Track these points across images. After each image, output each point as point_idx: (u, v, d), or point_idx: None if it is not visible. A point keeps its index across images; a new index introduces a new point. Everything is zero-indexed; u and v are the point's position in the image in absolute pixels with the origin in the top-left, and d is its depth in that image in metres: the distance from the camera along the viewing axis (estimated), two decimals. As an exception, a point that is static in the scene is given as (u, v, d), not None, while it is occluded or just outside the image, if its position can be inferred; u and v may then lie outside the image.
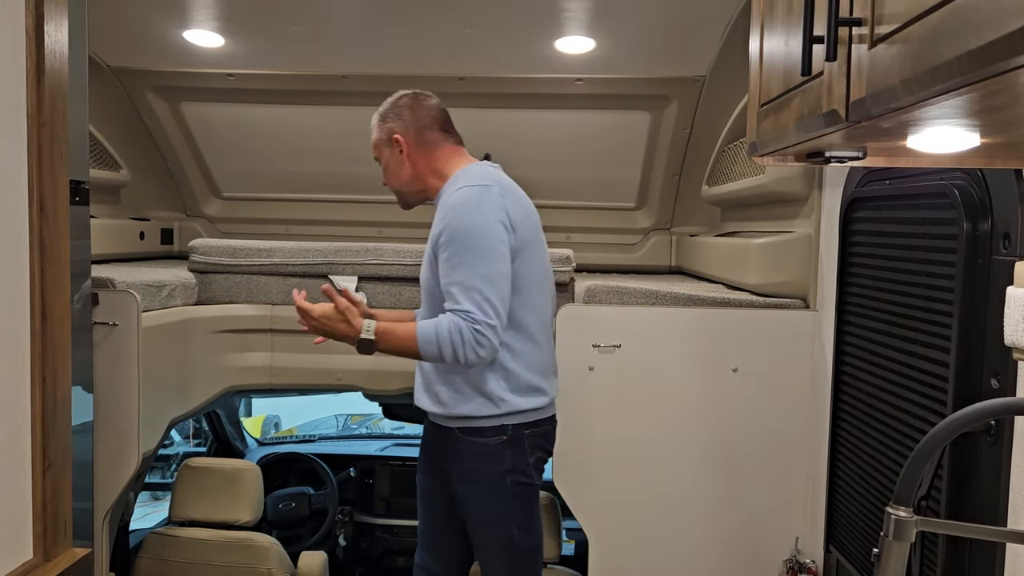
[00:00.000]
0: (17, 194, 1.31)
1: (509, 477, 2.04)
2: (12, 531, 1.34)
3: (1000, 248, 1.38)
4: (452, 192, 2.01)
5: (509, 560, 2.09)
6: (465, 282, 1.91)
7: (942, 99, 0.73)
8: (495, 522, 2.07)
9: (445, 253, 1.94)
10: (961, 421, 0.94)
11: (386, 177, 2.18)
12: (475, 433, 2.03)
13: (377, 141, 2.18)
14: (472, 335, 1.89)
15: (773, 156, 1.28)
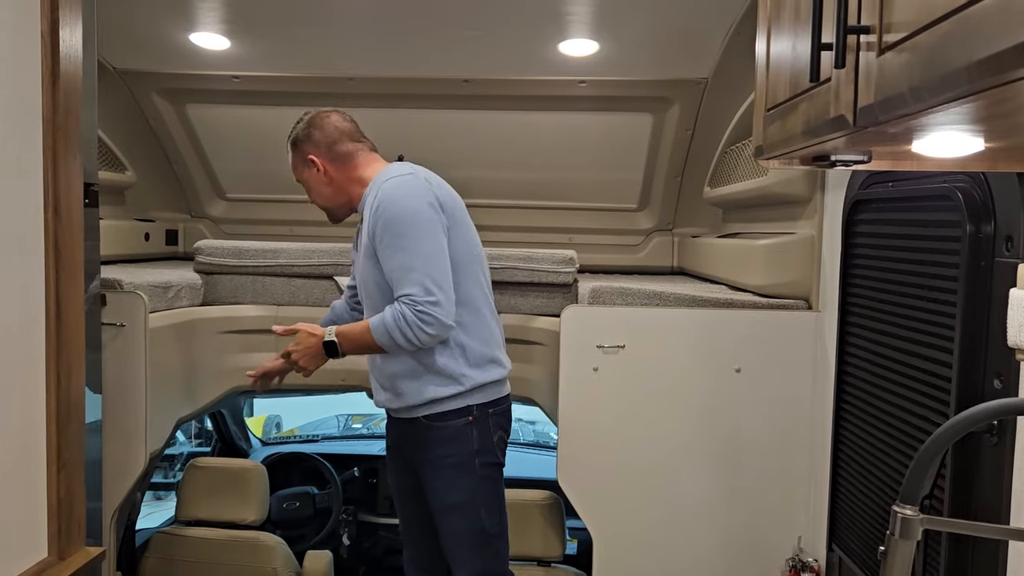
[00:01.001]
0: (33, 196, 1.32)
1: (477, 459, 2.09)
2: (28, 530, 1.36)
3: (1003, 250, 1.40)
4: (377, 187, 2.07)
5: (477, 546, 2.12)
6: (404, 265, 1.98)
7: (950, 106, 0.75)
8: (464, 506, 2.10)
9: (383, 243, 2.00)
10: (968, 421, 0.95)
11: (310, 196, 2.25)
12: (440, 418, 2.08)
13: (294, 164, 2.23)
14: (416, 316, 1.94)
15: (779, 159, 1.30)
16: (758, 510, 2.35)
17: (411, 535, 2.32)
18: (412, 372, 2.07)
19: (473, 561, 2.13)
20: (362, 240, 2.11)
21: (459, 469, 2.10)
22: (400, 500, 2.33)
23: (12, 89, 1.26)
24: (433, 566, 2.28)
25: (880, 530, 1.76)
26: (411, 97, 3.08)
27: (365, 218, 2.09)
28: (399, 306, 1.96)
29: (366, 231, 2.06)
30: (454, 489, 2.11)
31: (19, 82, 1.30)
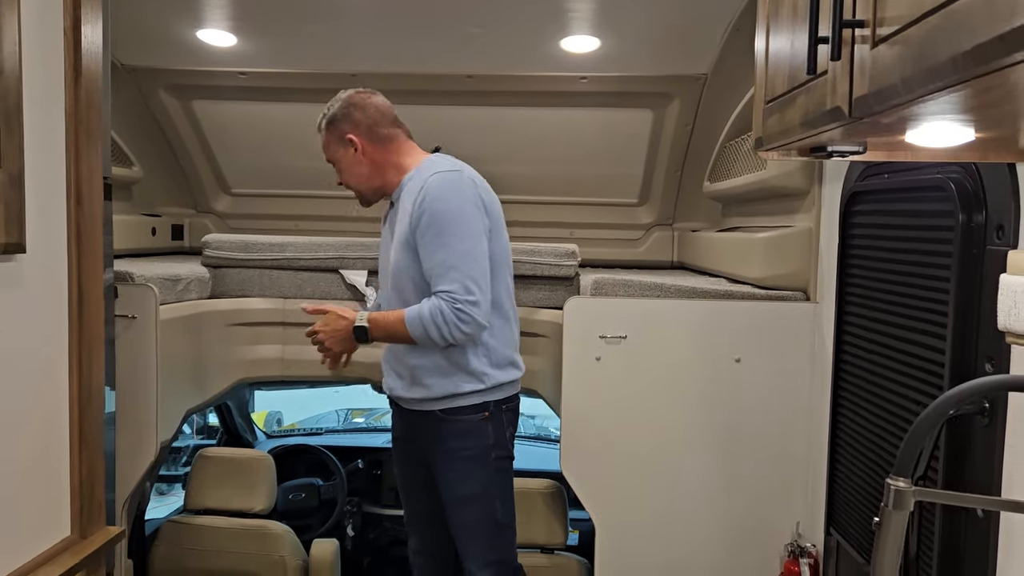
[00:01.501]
0: (57, 186, 1.37)
1: (493, 452, 2.14)
2: (52, 509, 1.41)
3: (994, 239, 1.44)
4: (423, 179, 2.07)
5: (491, 536, 2.16)
6: (446, 262, 1.99)
7: (939, 96, 0.80)
8: (479, 498, 2.14)
9: (425, 237, 2.02)
10: (958, 397, 1.00)
11: (343, 177, 2.24)
12: (457, 412, 2.11)
13: (328, 143, 2.23)
14: (454, 314, 1.97)
15: (778, 151, 1.35)
16: (757, 497, 2.40)
17: (417, 525, 2.35)
18: (437, 367, 2.09)
19: (486, 552, 2.16)
20: (398, 228, 2.11)
21: (475, 462, 2.13)
22: (407, 491, 2.35)
23: (37, 83, 1.31)
24: (439, 553, 2.32)
25: (876, 513, 1.81)
26: (415, 93, 3.12)
27: (404, 207, 2.09)
28: (438, 302, 1.98)
29: (407, 222, 2.06)
30: (469, 481, 2.14)
31: (43, 77, 1.34)
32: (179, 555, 2.69)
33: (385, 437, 4.14)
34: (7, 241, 1.21)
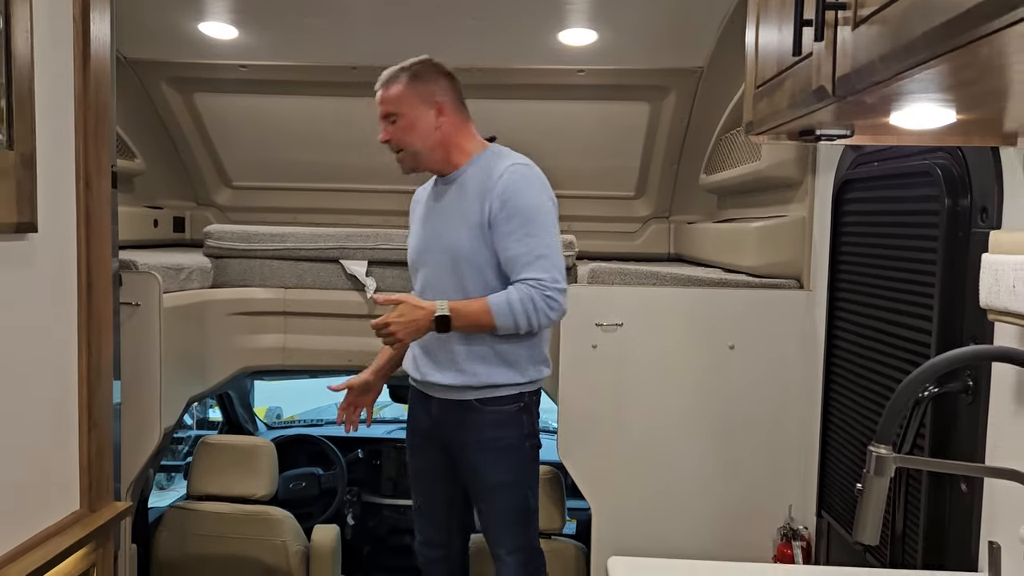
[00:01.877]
0: (66, 169, 1.40)
1: (527, 441, 2.16)
2: (62, 484, 1.45)
3: (978, 221, 1.49)
4: (499, 168, 2.07)
5: (522, 523, 2.19)
6: (534, 251, 2.03)
7: (916, 72, 0.83)
8: (513, 485, 2.16)
9: (508, 226, 2.03)
10: (937, 367, 1.04)
11: (406, 135, 2.13)
12: (495, 402, 2.12)
13: (405, 96, 2.12)
14: (544, 301, 2.01)
15: (768, 134, 1.39)
16: (751, 481, 2.44)
17: (429, 515, 2.32)
18: (482, 357, 2.10)
19: (516, 537, 2.18)
20: (463, 212, 2.09)
21: (511, 451, 2.15)
22: (423, 480, 2.32)
23: (47, 69, 1.34)
24: (447, 544, 2.32)
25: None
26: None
27: (472, 192, 2.08)
28: (527, 289, 2.00)
29: (479, 208, 2.06)
30: (505, 470, 2.15)
31: (53, 63, 1.38)
32: (182, 540, 2.73)
33: (384, 428, 4.18)
34: (19, 220, 1.25)
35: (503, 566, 2.20)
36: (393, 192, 3.67)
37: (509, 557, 2.18)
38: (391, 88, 2.15)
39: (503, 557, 2.20)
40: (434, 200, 2.22)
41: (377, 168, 3.57)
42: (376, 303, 2.87)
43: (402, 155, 2.17)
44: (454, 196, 2.15)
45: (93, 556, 1.48)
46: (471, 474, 2.19)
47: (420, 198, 2.33)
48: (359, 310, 2.90)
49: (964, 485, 1.51)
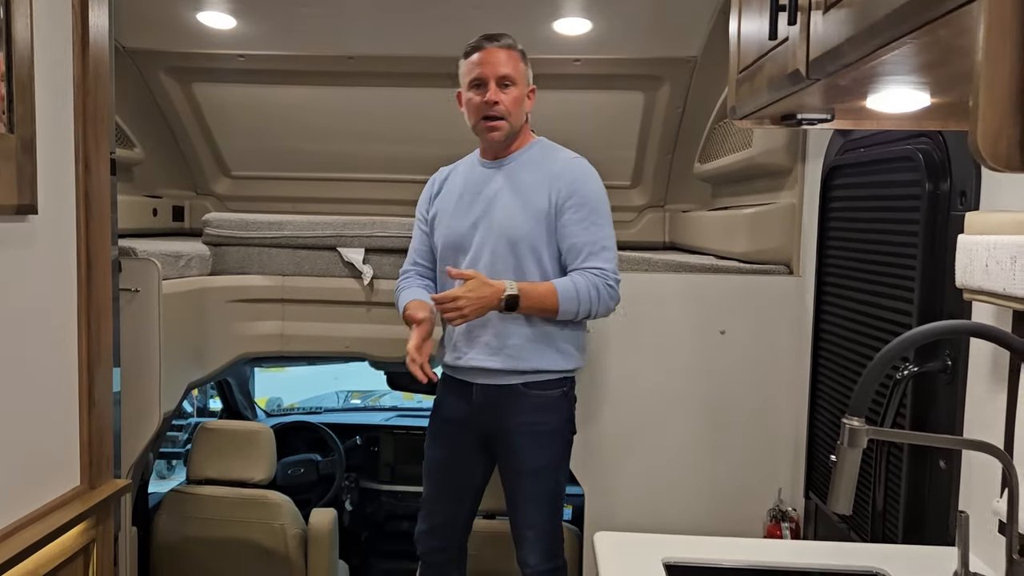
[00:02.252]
0: (66, 153, 1.44)
1: (566, 427, 2.21)
2: (63, 461, 1.48)
3: (957, 204, 1.52)
4: (564, 160, 2.18)
5: (553, 505, 2.23)
6: (599, 242, 2.10)
7: (882, 54, 0.87)
8: (550, 470, 2.19)
9: (577, 214, 2.10)
10: (908, 341, 1.08)
11: (509, 105, 2.14)
12: (540, 387, 2.15)
13: (522, 70, 2.17)
14: (607, 290, 2.08)
15: (751, 119, 1.42)
16: (741, 464, 2.47)
17: (440, 505, 2.32)
18: (532, 341, 2.12)
19: (545, 519, 2.21)
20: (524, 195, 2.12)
21: (553, 435, 2.18)
22: (442, 470, 2.30)
23: (47, 54, 1.38)
24: (451, 535, 2.34)
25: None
26: (410, 76, 3.18)
27: (532, 178, 2.14)
28: (592, 278, 2.06)
29: (544, 194, 2.11)
30: (545, 454, 2.18)
31: (53, 49, 1.41)
32: (182, 523, 2.77)
33: (382, 416, 4.22)
34: (20, 202, 1.28)
35: (530, 548, 2.22)
36: (390, 181, 3.71)
37: (537, 538, 2.21)
38: (512, 56, 2.15)
39: (531, 538, 2.22)
40: (480, 182, 2.22)
41: (374, 157, 3.62)
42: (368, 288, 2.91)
43: (501, 123, 2.14)
44: (507, 180, 2.18)
45: (93, 532, 1.51)
46: (512, 457, 2.20)
47: (450, 179, 2.32)
48: (356, 297, 2.94)
49: (943, 462, 1.54)
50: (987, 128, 0.61)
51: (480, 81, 2.13)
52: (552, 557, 2.24)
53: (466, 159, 2.35)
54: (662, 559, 1.41)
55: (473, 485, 2.31)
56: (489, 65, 2.12)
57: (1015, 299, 1.17)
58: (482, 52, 2.14)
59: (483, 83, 2.12)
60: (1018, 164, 0.61)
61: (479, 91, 2.14)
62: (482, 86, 2.13)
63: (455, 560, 2.38)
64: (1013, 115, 0.60)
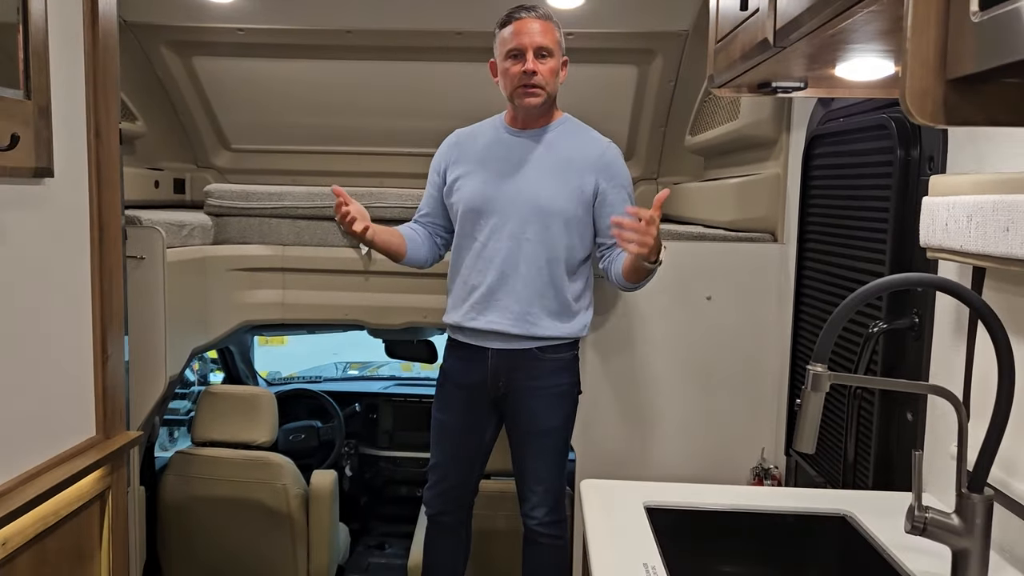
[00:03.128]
0: (78, 119, 1.51)
1: (576, 388, 2.33)
2: (79, 412, 1.57)
3: (926, 170, 1.60)
4: (601, 141, 2.30)
5: (559, 462, 2.34)
6: None
7: (837, 22, 0.94)
8: (560, 428, 2.30)
9: (620, 195, 2.23)
10: (866, 293, 1.16)
11: (547, 75, 2.17)
12: (553, 350, 2.26)
13: (557, 42, 2.19)
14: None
15: (729, 87, 1.49)
16: (727, 425, 2.57)
17: (451, 469, 2.39)
18: (551, 309, 2.23)
19: (554, 477, 2.32)
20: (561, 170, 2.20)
21: (564, 397, 2.30)
22: (454, 434, 2.37)
23: (59, 25, 1.45)
24: (460, 498, 2.43)
25: (825, 432, 1.98)
26: (407, 49, 3.24)
27: (568, 153, 2.23)
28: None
29: (582, 170, 2.20)
30: (557, 414, 2.29)
31: (64, 19, 1.48)
32: (187, 483, 2.86)
33: (380, 384, 4.32)
34: (37, 165, 1.36)
35: (539, 503, 2.33)
36: (388, 154, 3.78)
37: (545, 492, 2.32)
38: (549, 27, 2.17)
39: (539, 492, 2.32)
40: (509, 149, 2.26)
41: (372, 130, 3.68)
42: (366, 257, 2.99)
43: (539, 91, 2.17)
44: (542, 153, 2.24)
45: (109, 479, 1.61)
46: (524, 418, 2.29)
47: (470, 143, 2.35)
48: (355, 266, 3.02)
49: (910, 415, 1.64)
50: (914, 88, 0.69)
51: (518, 51, 2.14)
52: (557, 510, 2.35)
53: (486, 124, 2.38)
54: (643, 502, 1.51)
55: (483, 448, 2.40)
56: (527, 35, 2.14)
57: (970, 255, 1.26)
58: (519, 22, 2.16)
59: (521, 53, 2.14)
60: (941, 119, 0.70)
61: (517, 61, 2.15)
62: (520, 56, 2.14)
63: (463, 521, 2.48)
64: (936, 77, 0.68)
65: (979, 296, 1.20)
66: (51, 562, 1.42)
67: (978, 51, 0.64)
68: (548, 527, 2.33)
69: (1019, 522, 1.27)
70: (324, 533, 2.91)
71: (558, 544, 2.37)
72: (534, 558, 2.38)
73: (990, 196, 1.19)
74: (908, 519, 1.19)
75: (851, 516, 1.46)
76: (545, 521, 2.33)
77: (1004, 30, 0.61)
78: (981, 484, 1.16)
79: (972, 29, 0.64)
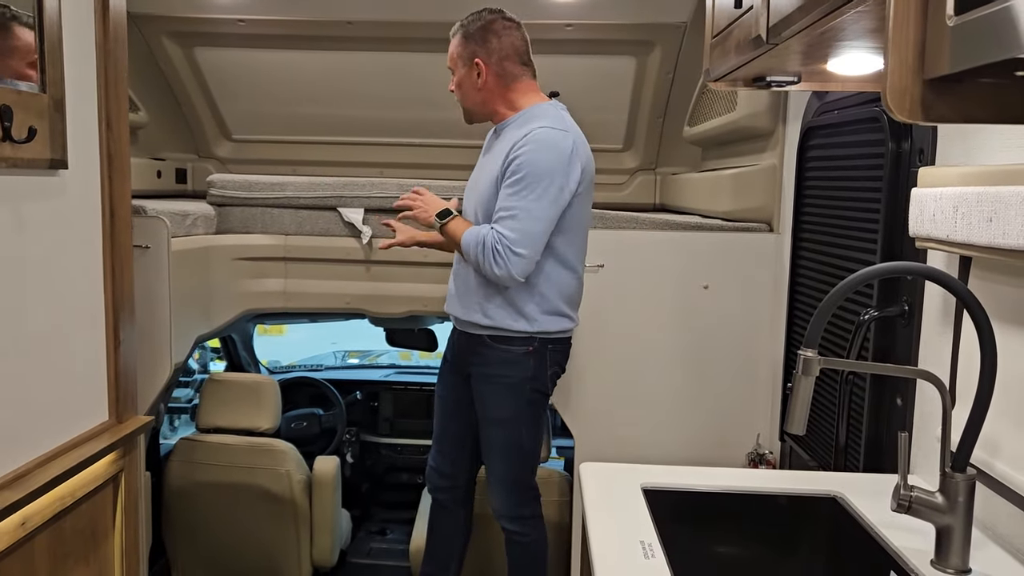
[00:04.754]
0: (90, 112, 1.55)
1: (528, 384, 2.29)
2: (93, 396, 1.62)
3: (916, 161, 1.64)
4: (532, 128, 2.16)
5: (512, 459, 2.35)
6: (513, 209, 2.11)
7: (827, 20, 0.99)
8: (508, 421, 2.31)
9: (508, 180, 2.14)
10: (854, 281, 1.20)
11: (457, 92, 2.31)
12: (504, 341, 2.27)
13: (456, 55, 2.27)
14: (492, 252, 2.11)
15: (724, 81, 1.53)
16: (723, 411, 2.62)
17: (442, 445, 2.49)
18: (493, 299, 2.25)
19: (505, 470, 2.36)
20: (491, 164, 2.23)
21: (511, 389, 2.29)
22: (443, 412, 2.48)
23: (72, 20, 1.48)
24: (455, 475, 2.50)
25: (820, 418, 2.03)
26: (406, 40, 3.27)
27: (502, 146, 2.20)
28: (491, 233, 2.12)
29: (500, 161, 2.17)
30: (502, 406, 2.31)
31: (77, 14, 1.52)
32: (192, 469, 2.91)
33: (381, 373, 4.37)
34: (52, 157, 1.39)
35: (492, 492, 2.39)
36: (387, 144, 3.81)
37: (498, 485, 2.37)
38: (453, 44, 2.31)
39: (492, 483, 2.39)
40: (486, 148, 2.40)
41: (372, 121, 3.71)
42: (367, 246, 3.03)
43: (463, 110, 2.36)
44: (492, 150, 2.32)
45: (122, 461, 1.65)
46: (476, 404, 2.36)
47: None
48: (356, 255, 3.06)
49: (899, 400, 1.68)
50: (894, 87, 0.73)
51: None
52: (515, 505, 2.37)
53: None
54: (641, 484, 1.56)
55: (469, 425, 2.44)
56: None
57: (956, 244, 1.30)
58: None
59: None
60: (919, 116, 0.74)
61: None
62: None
63: (461, 500, 2.54)
64: (915, 77, 0.73)
65: (963, 284, 1.25)
66: (68, 541, 1.47)
67: (953, 53, 0.68)
68: (509, 522, 2.37)
69: (1001, 501, 1.32)
70: (327, 518, 2.97)
71: (525, 541, 2.38)
72: (507, 553, 2.43)
73: (975, 188, 1.24)
74: (894, 498, 1.24)
75: (841, 497, 1.51)
76: (502, 513, 2.37)
77: (977, 34, 0.65)
78: (964, 464, 1.21)
79: (948, 33, 0.68)
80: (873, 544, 1.36)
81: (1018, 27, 0.61)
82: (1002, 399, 1.26)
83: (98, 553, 1.59)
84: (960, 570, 1.21)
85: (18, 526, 1.29)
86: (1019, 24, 0.61)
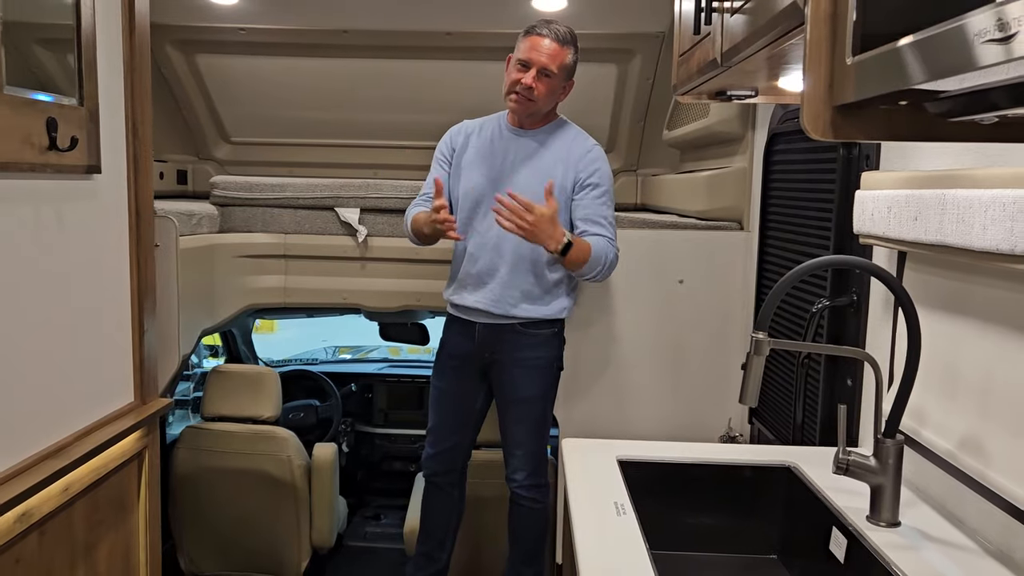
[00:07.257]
0: (119, 120, 1.71)
1: (556, 363, 2.55)
2: (120, 379, 1.78)
3: (864, 166, 1.82)
4: (586, 141, 2.50)
5: (539, 431, 2.57)
6: (609, 218, 2.44)
7: (771, 48, 1.16)
8: (539, 399, 2.54)
9: (596, 190, 2.43)
10: (797, 273, 1.38)
11: (537, 90, 2.39)
12: (534, 326, 2.50)
13: (562, 66, 2.42)
14: (615, 259, 2.42)
15: (690, 95, 1.71)
16: (697, 399, 2.80)
17: (445, 432, 2.65)
18: (529, 293, 2.46)
19: (533, 442, 2.56)
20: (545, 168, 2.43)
21: (543, 370, 2.53)
22: (448, 399, 2.62)
23: (105, 36, 1.64)
24: (453, 460, 2.67)
25: (780, 402, 2.22)
26: (399, 48, 3.43)
27: (558, 153, 2.46)
28: (608, 245, 2.39)
29: (565, 169, 2.43)
30: (534, 385, 2.52)
31: (108, 32, 1.68)
32: (197, 456, 3.07)
33: (374, 366, 4.53)
34: (89, 163, 1.56)
35: (518, 466, 2.57)
36: (382, 147, 3.97)
37: (528, 458, 2.56)
38: (558, 51, 2.41)
39: (519, 456, 2.57)
40: (505, 145, 2.51)
41: (367, 124, 3.87)
42: (363, 245, 3.19)
43: (526, 104, 2.43)
44: (534, 152, 2.49)
45: (146, 440, 1.81)
46: (507, 387, 2.54)
47: (475, 135, 2.57)
48: (352, 253, 3.22)
49: (849, 380, 1.87)
50: (809, 112, 0.91)
51: (525, 64, 2.39)
52: (536, 475, 2.58)
53: (491, 119, 2.63)
54: (616, 456, 1.73)
55: (474, 413, 2.64)
56: (536, 52, 2.38)
57: (890, 240, 1.49)
58: (535, 38, 2.40)
59: (527, 66, 2.39)
60: (830, 135, 0.92)
61: (521, 71, 2.39)
62: (525, 67, 2.39)
63: (456, 483, 2.71)
64: (825, 104, 0.91)
65: (892, 274, 1.43)
66: (101, 509, 1.63)
67: (855, 86, 0.86)
68: (528, 490, 2.56)
69: (930, 465, 1.50)
70: (326, 501, 3.13)
71: (537, 508, 2.60)
72: (515, 519, 2.62)
73: (904, 191, 1.42)
74: (834, 462, 1.42)
75: (795, 467, 1.69)
76: (525, 484, 2.55)
77: (871, 71, 0.83)
78: (894, 430, 1.39)
79: (850, 69, 0.86)
80: (819, 505, 1.54)
81: (901, 66, 0.79)
82: (930, 375, 1.44)
83: (127, 523, 1.75)
84: (891, 523, 1.40)
85: (62, 491, 1.45)
86: (902, 63, 0.78)
